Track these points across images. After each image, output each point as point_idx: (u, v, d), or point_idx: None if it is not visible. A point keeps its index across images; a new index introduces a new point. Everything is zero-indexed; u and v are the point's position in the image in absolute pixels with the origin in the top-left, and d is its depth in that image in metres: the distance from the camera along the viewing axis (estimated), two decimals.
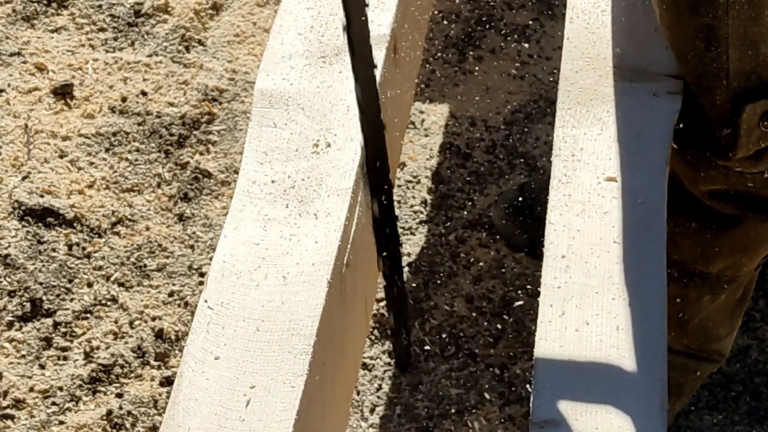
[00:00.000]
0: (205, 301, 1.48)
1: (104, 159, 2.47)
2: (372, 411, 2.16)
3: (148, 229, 2.37)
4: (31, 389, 2.16)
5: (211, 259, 1.54)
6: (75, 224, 2.36)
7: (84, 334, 2.22)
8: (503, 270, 2.31)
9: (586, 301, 1.46)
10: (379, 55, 1.71)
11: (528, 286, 2.28)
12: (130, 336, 2.22)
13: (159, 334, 2.23)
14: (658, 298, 1.46)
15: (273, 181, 1.61)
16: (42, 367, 2.19)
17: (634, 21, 1.74)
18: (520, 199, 2.32)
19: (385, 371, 2.20)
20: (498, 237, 2.35)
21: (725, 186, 1.66)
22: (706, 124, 1.61)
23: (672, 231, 1.66)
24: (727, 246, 1.72)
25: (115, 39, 2.67)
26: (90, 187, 2.42)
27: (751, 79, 1.56)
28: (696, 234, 1.72)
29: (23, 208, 2.36)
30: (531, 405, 1.37)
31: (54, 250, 2.32)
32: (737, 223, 1.69)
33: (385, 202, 1.66)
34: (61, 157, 2.47)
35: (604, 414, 1.36)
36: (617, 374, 1.39)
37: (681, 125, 1.61)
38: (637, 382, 1.38)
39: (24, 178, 2.42)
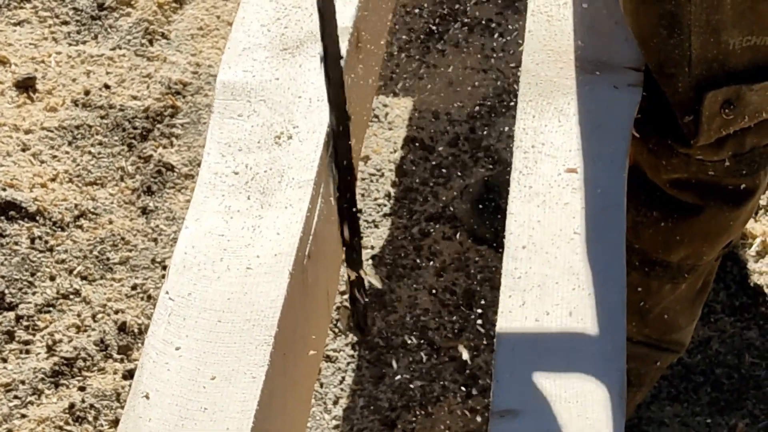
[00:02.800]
0: (167, 293, 1.48)
1: (67, 152, 2.46)
2: (335, 403, 2.16)
3: (111, 222, 2.36)
4: None
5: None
6: (37, 218, 2.35)
7: (46, 327, 2.22)
8: (467, 263, 2.32)
9: (546, 291, 1.46)
10: (341, 47, 1.71)
11: (491, 279, 2.29)
12: (93, 329, 2.22)
13: (122, 328, 2.22)
14: (617, 288, 1.46)
15: (235, 173, 1.61)
16: (4, 360, 2.18)
17: (595, 14, 1.74)
18: (484, 192, 2.32)
19: (348, 363, 2.20)
20: (462, 230, 2.36)
21: (686, 175, 1.67)
22: (668, 112, 1.62)
23: (634, 220, 1.66)
24: (688, 235, 1.73)
25: (78, 32, 2.66)
26: (53, 180, 2.42)
27: (713, 67, 1.56)
28: (657, 223, 1.72)
29: None
30: (491, 395, 1.38)
31: (16, 243, 2.31)
32: (698, 212, 1.70)
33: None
34: (23, 150, 2.45)
35: (564, 403, 1.36)
36: (577, 364, 1.40)
37: (643, 114, 1.62)
38: (597, 372, 1.39)
39: None
